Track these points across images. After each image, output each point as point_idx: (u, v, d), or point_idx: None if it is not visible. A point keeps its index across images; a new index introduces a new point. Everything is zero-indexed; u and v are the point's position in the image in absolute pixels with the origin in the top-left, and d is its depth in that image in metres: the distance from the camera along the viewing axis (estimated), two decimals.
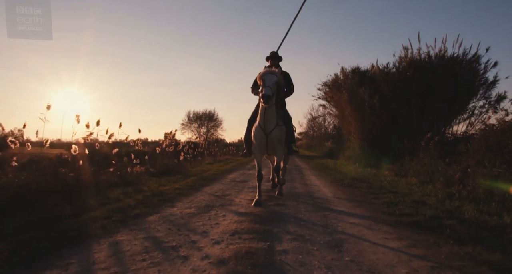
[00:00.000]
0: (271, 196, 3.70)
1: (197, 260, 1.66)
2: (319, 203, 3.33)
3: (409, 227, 2.34)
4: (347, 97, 9.17)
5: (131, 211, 2.79)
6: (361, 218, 2.64)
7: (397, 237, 2.09)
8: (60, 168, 4.16)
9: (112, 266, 1.58)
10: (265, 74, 3.14)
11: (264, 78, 3.10)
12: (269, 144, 3.30)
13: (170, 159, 7.62)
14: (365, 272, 1.52)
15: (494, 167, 3.93)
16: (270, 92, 2.95)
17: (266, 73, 3.16)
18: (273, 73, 3.16)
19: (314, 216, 2.70)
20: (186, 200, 3.42)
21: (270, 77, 3.10)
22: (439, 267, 1.57)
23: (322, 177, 5.93)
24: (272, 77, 3.10)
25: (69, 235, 2.03)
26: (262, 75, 3.16)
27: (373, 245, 1.92)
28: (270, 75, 3.12)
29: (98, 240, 1.99)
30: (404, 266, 1.59)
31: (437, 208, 2.94)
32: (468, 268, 1.56)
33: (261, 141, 3.30)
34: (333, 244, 1.93)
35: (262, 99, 2.99)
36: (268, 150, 3.42)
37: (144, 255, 1.73)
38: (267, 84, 3.02)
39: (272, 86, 3.03)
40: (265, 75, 3.14)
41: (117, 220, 2.46)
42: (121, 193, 3.83)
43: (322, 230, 2.26)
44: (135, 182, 4.87)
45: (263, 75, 3.14)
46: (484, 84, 7.66)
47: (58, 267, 1.56)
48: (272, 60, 3.75)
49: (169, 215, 2.69)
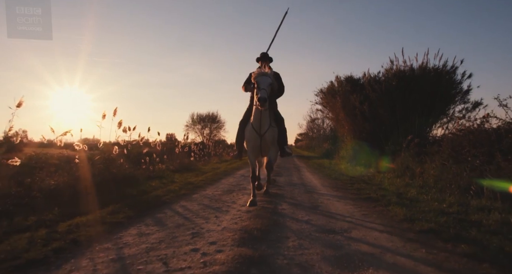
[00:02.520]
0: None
1: (234, 211, 3.08)
2: (309, 189, 4.75)
3: (363, 200, 3.75)
4: (340, 104, 10.60)
5: (179, 192, 4.22)
6: (334, 196, 4.06)
7: (352, 203, 3.51)
8: (110, 165, 5.57)
9: (188, 213, 3.00)
10: (259, 76, 3.21)
11: (259, 80, 3.17)
12: (262, 145, 3.45)
13: (184, 158, 9.05)
14: (325, 214, 2.94)
15: (455, 164, 5.32)
16: (266, 95, 3.04)
17: (260, 75, 3.23)
18: (267, 75, 3.23)
19: (304, 195, 4.13)
20: (212, 187, 4.85)
21: (264, 79, 3.17)
22: (367, 214, 2.99)
23: (316, 173, 7.36)
24: (266, 79, 3.18)
25: (153, 204, 3.45)
26: (256, 77, 3.23)
27: (335, 207, 3.34)
28: (264, 78, 3.19)
29: (171, 205, 3.42)
30: (347, 213, 3.01)
31: (390, 191, 4.36)
32: (383, 215, 2.97)
33: (255, 142, 3.44)
34: (312, 206, 3.36)
35: (258, 102, 3.06)
36: (262, 151, 3.58)
37: (203, 210, 3.15)
38: (262, 87, 3.10)
39: (267, 89, 3.12)
40: (259, 77, 3.20)
41: (173, 196, 3.89)
42: (159, 183, 5.23)
43: (307, 201, 3.68)
44: (163, 176, 6.28)
45: (257, 77, 3.21)
46: (460, 93, 9.12)
47: (156, 218, 2.98)
48: (262, 62, 3.90)
49: (205, 194, 4.12)
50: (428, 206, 3.21)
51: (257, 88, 3.17)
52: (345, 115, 10.63)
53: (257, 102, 3.11)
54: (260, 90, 3.08)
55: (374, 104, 9.39)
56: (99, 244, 2.08)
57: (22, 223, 2.58)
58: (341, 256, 1.86)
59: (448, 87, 8.89)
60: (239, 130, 3.75)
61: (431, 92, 8.68)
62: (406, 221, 2.67)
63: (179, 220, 2.75)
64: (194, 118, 27.31)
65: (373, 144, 9.62)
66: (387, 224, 2.61)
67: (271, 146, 3.50)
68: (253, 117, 3.41)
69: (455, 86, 9.03)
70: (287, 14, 4.01)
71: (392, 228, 2.49)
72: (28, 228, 2.44)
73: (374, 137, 9.60)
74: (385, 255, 1.88)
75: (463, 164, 4.70)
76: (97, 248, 1.99)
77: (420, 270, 1.65)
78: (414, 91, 8.76)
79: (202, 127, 26.97)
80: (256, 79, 3.20)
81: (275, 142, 3.55)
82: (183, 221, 2.71)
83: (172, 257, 1.83)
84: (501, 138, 4.51)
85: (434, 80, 8.84)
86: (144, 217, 2.85)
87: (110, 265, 1.71)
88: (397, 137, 8.78)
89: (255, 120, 3.38)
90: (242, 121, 3.75)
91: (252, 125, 3.43)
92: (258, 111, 3.29)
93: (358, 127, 10.29)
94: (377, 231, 2.40)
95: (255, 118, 3.37)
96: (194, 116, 27.55)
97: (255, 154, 3.61)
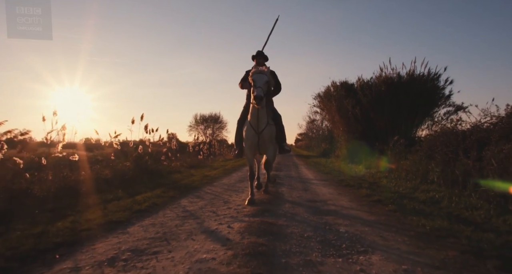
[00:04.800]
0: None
1: (248, 192, 4.48)
2: (304, 180, 6.15)
3: (343, 186, 5.14)
4: (336, 107, 12.00)
5: (202, 181, 5.61)
6: (322, 184, 5.46)
7: (334, 188, 4.92)
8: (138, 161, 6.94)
9: (215, 193, 4.40)
10: (255, 74, 3.33)
11: (255, 78, 3.28)
12: (260, 143, 3.58)
13: (194, 157, 10.45)
14: (312, 193, 4.34)
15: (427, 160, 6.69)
16: (262, 93, 3.16)
17: (256, 73, 3.34)
18: (263, 73, 3.35)
19: (298, 183, 5.53)
20: (226, 178, 6.26)
21: (260, 77, 3.29)
22: (341, 193, 4.39)
23: (311, 169, 8.77)
24: (262, 77, 3.30)
25: (187, 188, 4.85)
26: (252, 75, 3.34)
27: (320, 190, 4.74)
28: (260, 75, 3.30)
29: (200, 189, 4.83)
30: (328, 193, 4.40)
31: (367, 181, 5.75)
32: (352, 194, 4.35)
33: (253, 140, 3.58)
34: (303, 189, 4.76)
35: (254, 101, 3.19)
36: (260, 149, 3.72)
37: (225, 191, 4.55)
38: (259, 85, 3.22)
39: (263, 87, 3.24)
40: (256, 75, 3.31)
41: (199, 183, 5.29)
42: (180, 176, 6.62)
43: (300, 187, 5.09)
44: (180, 171, 7.68)
45: (254, 75, 3.32)
46: (443, 98, 10.52)
47: (195, 195, 4.37)
48: (258, 59, 4.04)
49: (223, 183, 5.52)
50: (388, 189, 4.61)
51: (253, 86, 3.28)
52: (340, 117, 12.03)
53: (253, 101, 3.26)
54: (256, 89, 3.20)
55: (366, 108, 10.79)
56: (169, 205, 3.49)
57: (104, 197, 3.96)
58: (316, 211, 3.25)
59: (432, 92, 10.29)
60: (238, 129, 3.94)
61: (417, 97, 10.07)
62: (366, 196, 4.07)
63: (211, 196, 4.15)
64: (197, 119, 29.07)
65: (365, 144, 11.03)
66: (352, 198, 4.01)
67: (269, 144, 3.66)
68: (250, 115, 3.54)
69: (438, 91, 10.44)
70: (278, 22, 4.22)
71: (354, 200, 3.89)
72: (110, 200, 3.80)
73: (366, 137, 11.01)
74: (343, 210, 3.28)
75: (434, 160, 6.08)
76: (169, 208, 3.39)
77: (360, 215, 3.05)
78: (401, 96, 10.16)
79: (205, 127, 28.69)
80: (253, 77, 3.32)
81: (273, 139, 3.71)
82: (214, 196, 4.12)
83: (217, 210, 3.24)
84: (465, 138, 5.89)
85: (419, 86, 10.24)
86: (187, 194, 4.25)
87: (181, 214, 3.10)
88: (385, 138, 10.18)
89: (252, 118, 3.51)
90: (239, 120, 3.95)
91: (250, 123, 3.56)
92: (255, 109, 3.40)
93: (351, 128, 11.69)
94: (344, 201, 3.80)
95: (252, 116, 3.51)
96: (197, 117, 29.31)
97: (253, 152, 3.77)
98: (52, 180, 4.21)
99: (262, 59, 4.07)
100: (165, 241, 2.20)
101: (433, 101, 10.44)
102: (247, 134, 3.64)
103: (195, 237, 2.31)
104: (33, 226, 2.54)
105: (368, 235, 2.37)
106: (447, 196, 3.93)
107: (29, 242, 2.10)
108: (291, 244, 2.13)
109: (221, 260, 1.84)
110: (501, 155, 4.20)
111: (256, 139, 3.56)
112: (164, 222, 2.77)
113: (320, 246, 2.10)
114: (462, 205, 3.46)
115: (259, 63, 4.02)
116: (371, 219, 2.89)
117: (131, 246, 2.10)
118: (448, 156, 5.75)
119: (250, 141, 3.62)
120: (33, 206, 3.25)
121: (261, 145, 3.62)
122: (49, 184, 4.05)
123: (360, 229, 2.54)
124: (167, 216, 2.99)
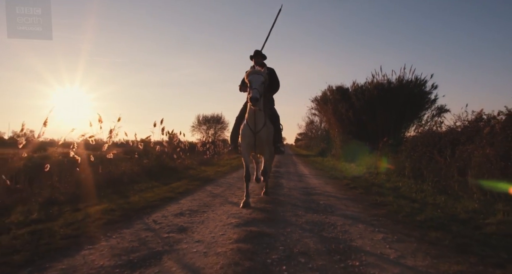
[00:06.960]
0: (276, 176, 7.89)
1: (252, 185, 5.89)
2: (300, 175, 7.57)
3: (330, 179, 6.54)
4: (331, 110, 13.40)
5: (216, 175, 7.02)
6: (315, 177, 6.87)
7: (323, 180, 6.33)
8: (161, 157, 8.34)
9: (230, 182, 5.82)
10: (251, 75, 3.39)
11: (251, 80, 3.34)
12: (257, 143, 3.66)
13: (202, 155, 11.85)
14: (305, 183, 5.75)
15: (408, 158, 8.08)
16: (257, 94, 3.21)
17: (252, 74, 3.41)
18: (259, 74, 3.41)
19: (295, 177, 6.95)
20: (236, 172, 7.69)
21: (257, 78, 3.35)
22: (328, 183, 5.79)
23: (308, 166, 10.19)
24: (259, 78, 3.36)
25: (206, 180, 6.25)
26: (248, 75, 3.42)
27: (312, 181, 6.15)
28: (256, 76, 3.37)
29: (217, 180, 6.25)
30: (317, 183, 5.81)
31: (352, 175, 7.15)
32: (336, 184, 5.75)
33: (249, 140, 3.66)
34: (299, 180, 6.18)
35: (250, 102, 3.26)
36: (256, 149, 3.80)
37: (237, 181, 5.97)
38: (254, 86, 3.28)
39: (259, 88, 3.29)
40: (252, 76, 3.38)
41: (215, 177, 6.71)
42: (195, 171, 8.02)
43: (296, 179, 6.50)
44: (192, 167, 9.08)
45: (249, 76, 3.39)
46: (429, 102, 11.91)
47: (214, 184, 5.78)
48: (256, 59, 4.11)
49: (234, 176, 6.95)
50: (365, 181, 6.02)
51: (249, 87, 3.36)
52: (335, 120, 13.43)
53: (249, 102, 3.34)
54: (252, 90, 3.26)
55: (359, 112, 12.19)
56: (199, 190, 4.90)
57: (144, 186, 5.34)
58: (306, 193, 4.66)
59: (419, 97, 11.69)
60: (235, 125, 4.11)
61: (405, 101, 11.47)
62: (348, 185, 5.47)
63: (227, 184, 5.57)
64: (199, 119, 30.65)
65: (358, 144, 12.44)
66: (334, 186, 5.42)
67: (265, 146, 3.76)
68: (248, 115, 3.63)
69: (424, 96, 11.83)
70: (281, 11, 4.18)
71: (336, 187, 5.30)
72: (151, 188, 5.18)
73: (358, 138, 12.42)
74: (325, 193, 4.69)
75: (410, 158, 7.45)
76: (200, 191, 4.79)
77: (336, 195, 4.45)
78: (391, 101, 11.56)
79: (208, 128, 30.24)
80: (249, 78, 3.39)
81: (270, 140, 3.79)
82: (230, 185, 5.54)
83: (234, 193, 4.66)
84: (441, 139, 7.25)
85: (407, 91, 11.64)
86: (209, 184, 5.67)
87: (210, 195, 4.50)
88: (376, 138, 11.58)
89: (249, 118, 3.61)
90: (238, 117, 4.10)
91: (247, 122, 3.66)
92: (252, 109, 3.49)
93: (346, 130, 13.10)
94: (328, 188, 5.21)
95: (249, 116, 3.61)
96: (200, 117, 30.88)
97: (249, 151, 3.90)
98: (101, 173, 5.61)
99: (260, 58, 4.16)
100: (207, 207, 3.61)
101: (420, 105, 11.83)
102: (244, 133, 3.72)
103: (225, 205, 3.72)
104: (118, 199, 3.94)
105: (337, 205, 3.78)
106: (407, 185, 5.33)
107: (140, 202, 3.56)
108: (287, 208, 3.56)
109: (245, 213, 3.26)
110: (465, 154, 5.57)
111: (252, 139, 3.64)
112: (201, 198, 4.19)
113: (305, 209, 3.51)
114: (414, 190, 4.86)
115: (257, 62, 4.13)
116: (343, 197, 4.31)
117: (188, 208, 3.50)
118: (427, 154, 7.08)
119: (246, 140, 3.71)
120: (93, 190, 4.60)
121: (257, 145, 3.71)
122: (98, 176, 5.43)
123: (333, 202, 3.96)
124: (201, 195, 4.40)
